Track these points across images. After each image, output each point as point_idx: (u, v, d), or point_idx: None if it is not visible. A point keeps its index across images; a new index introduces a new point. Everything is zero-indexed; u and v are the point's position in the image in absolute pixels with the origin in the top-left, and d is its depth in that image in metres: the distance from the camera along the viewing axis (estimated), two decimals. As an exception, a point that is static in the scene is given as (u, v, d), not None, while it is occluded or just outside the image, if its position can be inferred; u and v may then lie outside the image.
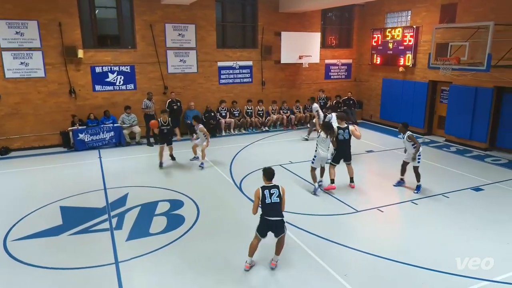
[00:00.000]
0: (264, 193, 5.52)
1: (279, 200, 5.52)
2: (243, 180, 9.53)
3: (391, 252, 6.15)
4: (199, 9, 13.86)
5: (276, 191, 5.53)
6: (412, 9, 14.45)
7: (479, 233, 6.84)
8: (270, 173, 5.66)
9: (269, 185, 5.60)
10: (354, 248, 6.30)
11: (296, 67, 16.02)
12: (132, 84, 13.50)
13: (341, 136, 8.69)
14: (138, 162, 11.18)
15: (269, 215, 5.49)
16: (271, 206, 5.48)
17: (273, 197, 5.49)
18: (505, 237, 6.66)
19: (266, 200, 5.50)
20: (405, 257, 6.02)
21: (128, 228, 7.02)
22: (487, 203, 8.09)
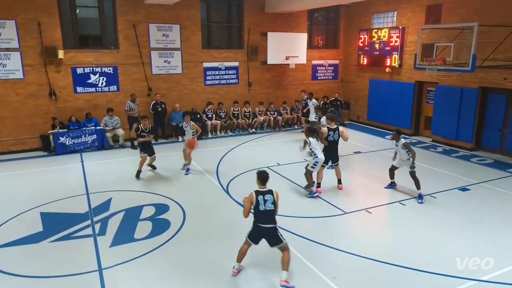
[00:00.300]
0: (258, 199, 5.34)
1: (273, 208, 5.37)
2: (230, 182, 9.52)
3: (380, 254, 6.22)
4: (183, 9, 13.82)
5: (271, 197, 5.37)
6: (398, 9, 14.69)
7: (466, 233, 6.98)
8: (265, 177, 5.46)
9: (264, 190, 5.42)
10: (343, 250, 6.36)
11: (283, 68, 16.10)
12: (115, 86, 13.36)
13: (331, 137, 8.76)
14: (121, 165, 11.06)
15: (261, 222, 5.37)
16: (264, 213, 5.33)
17: (267, 204, 5.33)
18: (491, 237, 6.80)
19: (259, 207, 5.33)
20: (394, 259, 6.09)
21: (112, 234, 6.93)
22: (474, 203, 8.26)
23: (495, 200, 8.43)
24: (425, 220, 7.49)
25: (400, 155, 8.58)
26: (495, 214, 7.74)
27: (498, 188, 9.09)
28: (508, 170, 10.42)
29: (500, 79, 11.06)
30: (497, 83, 11.21)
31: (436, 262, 6.00)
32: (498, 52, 10.65)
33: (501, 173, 10.17)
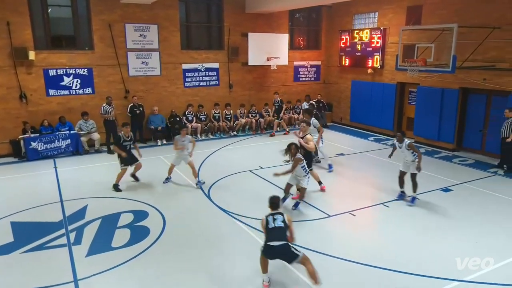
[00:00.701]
0: (267, 219, 5.48)
1: (284, 225, 5.41)
2: (212, 187, 9.47)
3: (365, 257, 6.29)
4: (161, 8, 13.72)
5: (280, 216, 5.48)
6: (379, 10, 14.98)
7: (449, 233, 7.14)
8: (274, 203, 5.65)
9: (274, 212, 5.58)
10: (328, 254, 6.40)
11: (264, 69, 16.17)
12: (90, 88, 13.13)
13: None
14: (98, 171, 10.87)
15: (271, 239, 5.34)
16: (273, 230, 5.38)
17: (276, 222, 5.41)
18: (473, 237, 6.98)
19: (269, 225, 5.42)
20: (379, 261, 6.17)
21: (88, 243, 6.80)
22: (456, 204, 8.46)
23: (477, 200, 8.66)
24: (408, 222, 7.63)
25: (405, 157, 8.44)
26: (477, 214, 7.95)
27: (480, 188, 9.35)
28: (488, 170, 10.73)
29: (480, 79, 11.41)
30: (477, 84, 11.55)
31: (420, 263, 6.11)
32: (477, 53, 11.00)
33: (482, 173, 10.47)
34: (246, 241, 6.88)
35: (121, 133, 9.47)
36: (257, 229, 7.22)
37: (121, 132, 9.48)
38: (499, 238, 6.93)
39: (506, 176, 10.25)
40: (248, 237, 7.00)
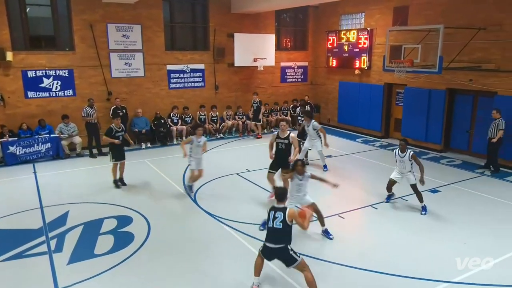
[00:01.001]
0: (269, 214, 5.36)
1: (281, 227, 5.22)
2: (198, 191, 9.42)
3: (355, 260, 6.34)
4: (144, 8, 13.63)
5: (281, 215, 5.24)
6: (366, 11, 15.16)
7: (438, 235, 7.25)
8: (279, 194, 5.47)
9: (278, 206, 5.37)
10: (317, 257, 6.42)
11: (251, 70, 16.19)
12: (70, 90, 12.95)
13: (281, 146, 8.46)
14: (79, 176, 10.72)
15: (268, 241, 5.31)
16: (272, 230, 5.28)
17: (275, 221, 5.24)
18: (462, 238, 7.10)
19: (268, 223, 5.33)
20: (368, 264, 6.23)
21: (69, 250, 6.68)
22: (444, 205, 8.60)
23: (465, 201, 8.82)
24: (397, 224, 7.72)
25: (403, 167, 8.28)
26: (465, 215, 8.09)
27: (467, 189, 9.52)
28: (475, 170, 10.94)
29: (466, 80, 11.64)
30: (463, 85, 11.78)
31: (410, 265, 6.19)
32: (463, 54, 11.21)
33: (469, 174, 10.66)
34: (234, 246, 6.85)
35: (112, 125, 9.62)
36: (246, 233, 7.22)
37: (112, 124, 9.65)
38: (487, 239, 7.06)
39: (492, 177, 10.46)
40: (236, 242, 6.98)
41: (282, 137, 8.47)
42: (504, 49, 10.85)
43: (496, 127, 10.46)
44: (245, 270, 5.94)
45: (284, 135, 8.47)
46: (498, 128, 10.41)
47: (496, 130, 10.45)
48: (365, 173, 10.81)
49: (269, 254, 5.38)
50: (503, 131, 10.33)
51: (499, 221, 7.80)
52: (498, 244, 6.86)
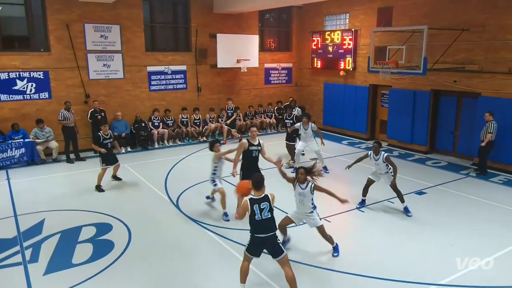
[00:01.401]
0: (253, 208, 5.21)
1: (271, 215, 5.27)
2: (180, 196, 9.37)
3: (342, 264, 6.39)
4: (123, 8, 13.51)
5: (267, 205, 5.24)
6: (350, 12, 15.35)
7: (425, 237, 7.37)
8: (258, 182, 5.30)
9: (259, 197, 5.26)
10: (303, 262, 6.45)
11: (234, 72, 16.19)
12: (46, 93, 12.72)
13: (254, 153, 8.01)
14: (56, 182, 10.53)
15: (259, 232, 5.27)
16: (261, 222, 5.23)
17: (263, 212, 5.21)
18: (448, 239, 7.23)
19: (256, 217, 5.22)
20: (355, 268, 6.28)
21: (45, 260, 6.55)
22: (430, 207, 8.76)
23: (451, 203, 8.99)
24: (384, 227, 7.82)
25: (379, 169, 8.41)
26: (451, 216, 8.25)
27: (453, 190, 9.71)
28: (461, 172, 11.17)
29: (450, 81, 11.89)
30: (447, 86, 12.04)
31: (396, 268, 6.27)
32: (447, 55, 11.46)
33: (454, 175, 10.88)
34: (219, 252, 6.83)
35: (100, 132, 9.77)
36: (230, 239, 7.20)
37: (100, 132, 9.77)
38: (473, 240, 7.22)
39: (478, 178, 10.70)
40: (221, 248, 6.96)
41: (255, 143, 7.99)
42: (487, 50, 11.13)
43: (486, 130, 10.51)
44: (230, 276, 5.92)
45: (256, 142, 8.03)
46: (487, 131, 10.44)
47: (485, 132, 10.51)
48: (351, 176, 10.89)
49: (260, 245, 5.32)
50: (491, 135, 10.36)
51: (484, 222, 7.98)
52: (484, 245, 7.01)
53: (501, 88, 10.85)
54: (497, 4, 10.78)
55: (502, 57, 10.81)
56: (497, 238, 7.27)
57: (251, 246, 5.39)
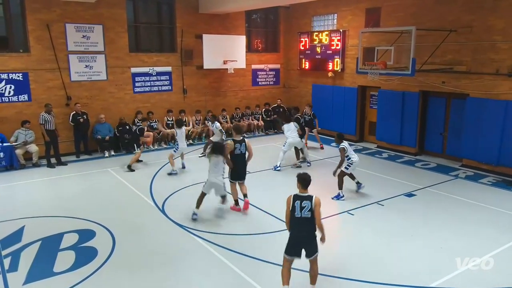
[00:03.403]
0: (294, 204, 5.34)
1: (310, 216, 5.34)
2: (166, 201, 9.29)
3: (332, 268, 6.39)
4: (106, 7, 13.39)
5: (309, 204, 5.33)
6: (338, 12, 15.48)
7: (415, 239, 7.44)
8: (306, 180, 5.43)
9: (303, 195, 5.40)
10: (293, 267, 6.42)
11: (221, 73, 16.17)
12: (25, 95, 12.51)
13: (238, 150, 8.40)
14: (36, 187, 10.36)
15: (297, 230, 5.40)
16: (300, 220, 5.34)
17: (304, 211, 5.32)
18: (438, 242, 7.31)
19: (295, 213, 5.33)
20: (345, 272, 6.31)
21: (25, 269, 6.43)
22: (420, 209, 8.85)
23: (440, 205, 9.10)
24: (374, 230, 7.86)
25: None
26: (440, 218, 8.34)
27: (442, 192, 9.83)
28: (450, 173, 11.32)
29: (439, 82, 12.07)
30: (436, 87, 12.21)
31: (387, 271, 6.31)
32: (435, 56, 11.63)
33: (444, 177, 11.02)
34: (206, 258, 6.78)
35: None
36: (218, 244, 7.16)
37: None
38: (462, 242, 7.31)
39: (466, 179, 10.86)
40: (208, 254, 6.91)
41: (239, 140, 8.50)
42: (474, 51, 11.33)
43: None
44: (216, 282, 5.88)
45: (240, 138, 8.54)
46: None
47: None
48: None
49: (297, 244, 5.41)
50: None
51: (474, 224, 8.09)
52: (474, 247, 7.10)
53: (489, 89, 11.04)
54: (483, 5, 10.98)
55: (489, 58, 11.01)
56: (486, 240, 7.37)
57: (289, 247, 5.47)
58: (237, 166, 8.47)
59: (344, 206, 8.97)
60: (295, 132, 11.72)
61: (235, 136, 8.59)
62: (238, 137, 8.52)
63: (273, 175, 11.26)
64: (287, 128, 11.74)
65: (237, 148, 8.40)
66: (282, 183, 10.46)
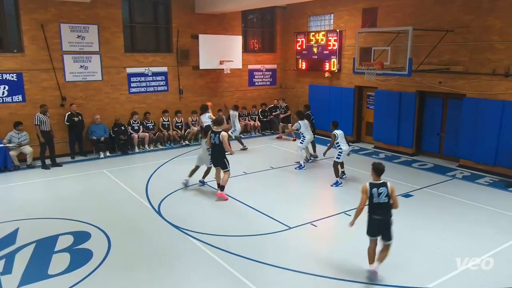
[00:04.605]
0: (372, 191, 5.84)
1: (388, 200, 5.87)
2: (162, 202, 9.28)
3: (329, 270, 6.41)
4: (102, 7, 13.37)
5: (385, 190, 5.85)
6: (334, 12, 15.51)
7: (411, 240, 7.45)
8: (380, 169, 5.97)
9: (378, 182, 5.92)
10: (290, 268, 6.44)
11: (217, 73, 16.17)
12: (20, 96, 12.47)
13: (212, 139, 9.39)
14: (30, 189, 10.31)
15: (376, 214, 5.90)
16: (378, 205, 5.86)
17: (381, 196, 5.84)
18: (435, 243, 7.34)
19: (374, 200, 5.85)
20: (342, 273, 6.31)
21: (20, 272, 6.39)
22: (417, 209, 8.87)
23: (438, 205, 9.13)
24: (371, 230, 7.87)
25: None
26: (438, 219, 8.37)
27: (439, 193, 9.87)
28: (447, 174, 11.37)
29: (436, 82, 12.11)
30: (433, 87, 12.25)
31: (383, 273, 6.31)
32: (432, 56, 11.68)
33: (441, 177, 11.06)
34: (203, 260, 6.77)
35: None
36: (215, 246, 7.15)
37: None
38: (460, 243, 7.34)
39: (463, 180, 10.90)
40: (205, 255, 6.91)
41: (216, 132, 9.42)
42: (471, 51, 11.38)
43: None
44: (214, 284, 5.88)
45: (218, 131, 9.40)
46: None
47: None
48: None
49: (376, 226, 5.94)
50: None
51: (471, 224, 8.12)
52: (471, 247, 7.12)
53: (485, 89, 11.10)
54: (481, 5, 11.04)
55: (486, 58, 11.06)
56: (484, 240, 7.40)
57: (370, 228, 6.00)
58: (211, 154, 9.56)
59: (341, 206, 8.98)
60: (309, 129, 12.24)
61: (215, 128, 9.55)
62: (216, 129, 9.45)
63: (269, 176, 11.27)
64: (303, 125, 12.11)
65: (211, 137, 9.37)
66: (278, 184, 10.49)
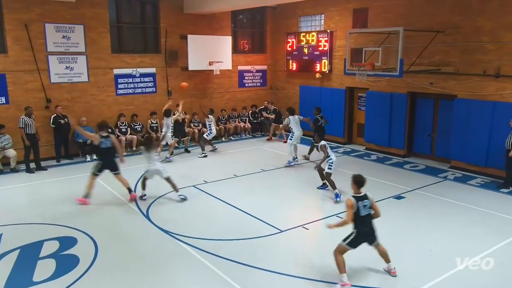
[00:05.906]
0: (358, 206, 6.01)
1: (371, 211, 6.14)
2: (151, 206, 9.23)
3: (321, 273, 6.43)
4: (88, 7, 13.28)
5: (368, 202, 6.11)
6: (325, 13, 15.60)
7: (404, 243, 7.51)
8: (362, 182, 6.17)
9: (360, 195, 6.13)
10: (281, 272, 6.45)
11: (206, 74, 16.16)
12: (3, 97, 12.33)
13: (104, 144, 9.34)
14: (14, 193, 10.20)
15: (365, 226, 6.10)
16: (366, 218, 6.08)
17: (366, 209, 6.07)
18: (428, 245, 7.40)
19: (361, 213, 6.03)
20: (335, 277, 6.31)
21: (3, 279, 6.32)
22: (409, 211, 8.96)
23: (429, 207, 9.21)
24: (363, 233, 7.91)
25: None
26: (430, 221, 8.45)
27: (431, 194, 9.97)
28: (439, 175, 11.48)
29: (427, 83, 12.24)
30: (424, 88, 12.38)
31: (375, 276, 6.37)
32: (423, 57, 11.80)
33: (433, 179, 11.17)
34: (192, 264, 6.75)
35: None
36: (204, 249, 7.13)
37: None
38: (453, 244, 7.41)
39: (455, 181, 11.02)
40: (194, 260, 6.88)
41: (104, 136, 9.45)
42: (462, 52, 11.53)
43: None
44: (204, 290, 5.87)
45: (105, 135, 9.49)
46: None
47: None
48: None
49: (363, 238, 6.12)
50: None
51: (463, 225, 8.21)
52: (464, 248, 7.19)
53: (476, 90, 11.24)
54: (471, 6, 11.19)
55: (477, 59, 11.21)
56: (476, 241, 7.49)
57: (355, 241, 6.09)
58: (103, 159, 9.53)
59: (333, 209, 9.01)
60: (299, 125, 12.58)
61: (99, 132, 9.51)
62: (103, 133, 9.45)
63: (259, 178, 11.28)
64: (293, 121, 12.49)
65: (102, 142, 9.34)
66: (269, 187, 10.50)
